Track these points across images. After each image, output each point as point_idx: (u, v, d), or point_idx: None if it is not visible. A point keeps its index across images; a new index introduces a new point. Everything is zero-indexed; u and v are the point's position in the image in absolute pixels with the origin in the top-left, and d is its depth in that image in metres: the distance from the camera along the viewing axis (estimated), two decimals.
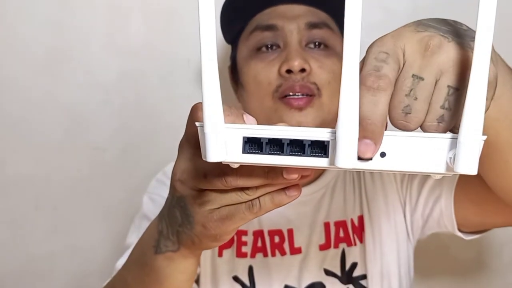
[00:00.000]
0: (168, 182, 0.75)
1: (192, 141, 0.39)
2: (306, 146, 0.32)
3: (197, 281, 0.72)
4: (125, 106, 0.95)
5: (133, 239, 0.72)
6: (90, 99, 0.95)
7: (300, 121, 0.64)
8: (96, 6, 0.92)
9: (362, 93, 0.31)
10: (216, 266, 0.71)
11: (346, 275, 0.69)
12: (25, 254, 0.99)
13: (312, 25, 0.67)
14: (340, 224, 0.71)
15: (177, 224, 0.44)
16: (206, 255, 0.71)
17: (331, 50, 0.68)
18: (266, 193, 0.39)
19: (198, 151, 0.37)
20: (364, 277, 0.69)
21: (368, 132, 0.31)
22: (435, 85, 0.33)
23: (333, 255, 0.70)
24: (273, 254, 0.71)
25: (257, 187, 0.38)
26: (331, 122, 0.68)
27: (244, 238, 0.72)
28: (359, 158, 0.31)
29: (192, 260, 0.48)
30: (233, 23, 0.74)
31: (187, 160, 0.40)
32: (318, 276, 0.69)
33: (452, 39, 0.34)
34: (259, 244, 0.71)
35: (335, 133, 0.31)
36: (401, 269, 0.71)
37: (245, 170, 0.37)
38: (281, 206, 0.39)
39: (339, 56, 0.68)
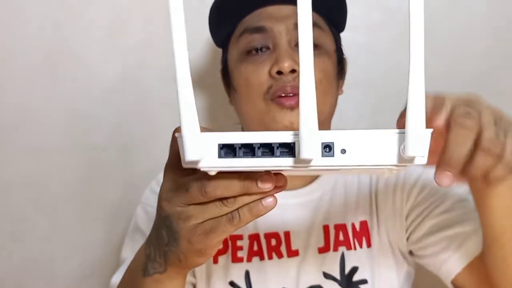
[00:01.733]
0: None
1: (175, 164, 0.42)
2: (275, 148, 0.36)
3: None
4: (125, 106, 0.95)
5: (127, 253, 0.74)
6: (90, 99, 0.95)
7: (292, 121, 0.64)
8: (96, 6, 0.92)
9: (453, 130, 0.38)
10: (211, 272, 0.70)
11: (346, 278, 0.69)
12: (25, 255, 0.99)
13: None
14: (340, 228, 0.71)
15: (163, 244, 0.45)
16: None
17: (321, 49, 0.67)
18: (244, 205, 0.41)
19: (180, 172, 0.41)
20: (364, 282, 0.68)
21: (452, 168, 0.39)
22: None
23: (332, 258, 0.70)
24: (270, 257, 0.70)
25: (235, 199, 0.40)
26: (323, 122, 0.68)
27: (239, 243, 0.71)
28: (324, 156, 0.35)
29: (178, 281, 0.49)
30: (222, 26, 0.73)
31: (171, 181, 0.43)
32: (317, 279, 0.69)
33: None
34: (255, 247, 0.71)
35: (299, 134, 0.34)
36: (399, 273, 0.71)
37: (223, 180, 0.39)
38: (259, 217, 0.41)
39: (329, 54, 0.68)
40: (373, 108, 0.95)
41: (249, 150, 0.36)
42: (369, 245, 0.70)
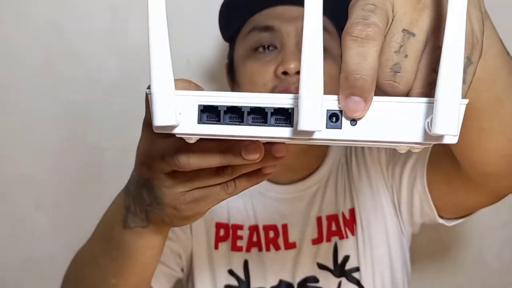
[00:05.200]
0: None
1: (150, 122, 0.37)
2: (269, 114, 0.29)
3: (191, 273, 0.72)
4: (125, 105, 0.95)
5: None
6: (90, 98, 0.95)
7: None
8: (96, 6, 0.92)
9: (347, 44, 0.28)
10: (213, 258, 0.71)
11: (339, 268, 0.70)
12: (25, 254, 0.98)
13: None
14: (332, 218, 0.72)
15: (145, 204, 0.43)
16: (202, 247, 0.72)
17: (327, 52, 0.67)
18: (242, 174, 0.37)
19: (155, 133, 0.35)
20: (357, 269, 0.69)
21: (357, 89, 0.27)
22: (426, 45, 0.30)
23: (326, 248, 0.71)
24: (268, 249, 0.71)
25: (232, 169, 0.36)
26: None
27: (239, 232, 0.72)
28: (331, 122, 0.29)
29: (161, 236, 0.47)
30: (231, 22, 0.74)
31: (147, 141, 0.39)
32: (312, 270, 0.70)
33: None
34: (254, 238, 0.72)
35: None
36: (393, 263, 0.71)
37: (200, 150, 0.35)
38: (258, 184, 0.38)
39: (334, 58, 0.68)
40: None
41: (237, 115, 0.29)
42: (357, 232, 0.71)
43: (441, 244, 0.97)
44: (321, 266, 0.70)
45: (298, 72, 0.64)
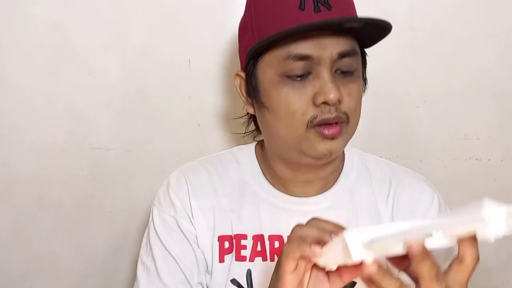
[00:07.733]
0: (176, 201, 0.72)
1: None
2: None
3: None
4: (127, 106, 0.96)
5: (149, 260, 0.72)
6: (93, 99, 0.95)
7: (332, 150, 0.65)
8: (99, 7, 0.92)
9: None
10: (216, 270, 0.71)
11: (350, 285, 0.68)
12: (28, 253, 0.99)
13: (344, 54, 0.65)
14: None
15: None
16: (208, 263, 0.71)
17: (356, 73, 0.67)
18: None
19: None
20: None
21: None
22: None
23: None
24: (272, 259, 0.70)
25: None
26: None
27: (243, 242, 0.71)
28: None
29: None
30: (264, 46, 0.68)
31: None
32: None
33: None
34: (259, 248, 0.71)
35: None
36: None
37: None
38: None
39: (360, 77, 0.68)
40: (372, 108, 0.96)
41: None
42: None
43: None
44: None
45: (337, 101, 0.63)
